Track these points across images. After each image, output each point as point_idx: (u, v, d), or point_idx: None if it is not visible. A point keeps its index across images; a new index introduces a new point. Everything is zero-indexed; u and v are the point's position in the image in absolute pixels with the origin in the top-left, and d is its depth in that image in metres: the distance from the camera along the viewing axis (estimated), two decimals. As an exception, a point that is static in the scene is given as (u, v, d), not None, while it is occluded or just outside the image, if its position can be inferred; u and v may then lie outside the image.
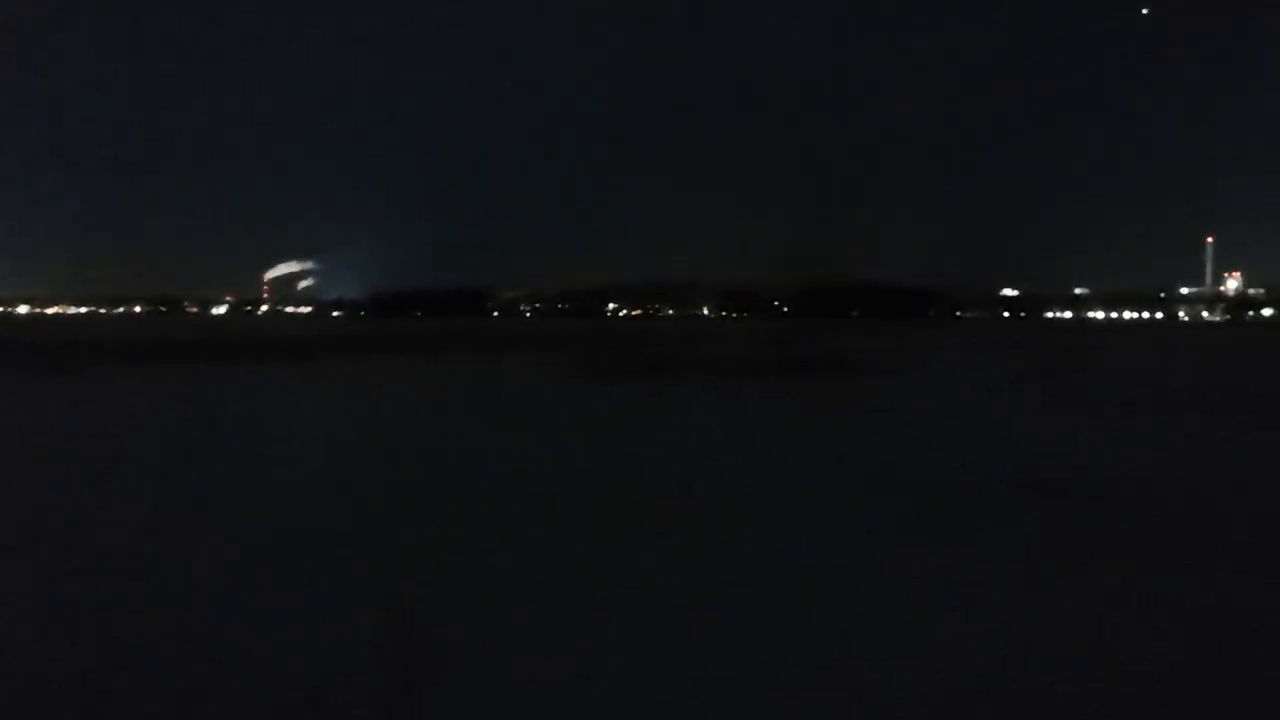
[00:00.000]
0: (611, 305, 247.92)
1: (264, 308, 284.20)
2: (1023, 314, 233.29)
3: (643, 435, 17.50)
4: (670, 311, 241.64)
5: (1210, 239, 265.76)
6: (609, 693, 5.88)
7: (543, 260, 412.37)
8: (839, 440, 16.78)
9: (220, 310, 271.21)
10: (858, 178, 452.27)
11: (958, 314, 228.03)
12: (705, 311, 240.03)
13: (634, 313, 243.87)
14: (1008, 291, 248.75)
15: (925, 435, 17.64)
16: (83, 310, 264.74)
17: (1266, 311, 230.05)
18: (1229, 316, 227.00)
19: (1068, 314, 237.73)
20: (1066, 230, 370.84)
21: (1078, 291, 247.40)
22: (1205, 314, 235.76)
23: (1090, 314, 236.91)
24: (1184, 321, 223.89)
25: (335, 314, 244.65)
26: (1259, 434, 18.24)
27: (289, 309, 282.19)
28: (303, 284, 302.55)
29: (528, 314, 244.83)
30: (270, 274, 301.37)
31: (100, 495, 11.62)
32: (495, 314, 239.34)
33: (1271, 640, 6.90)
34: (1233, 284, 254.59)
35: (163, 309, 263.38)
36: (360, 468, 13.87)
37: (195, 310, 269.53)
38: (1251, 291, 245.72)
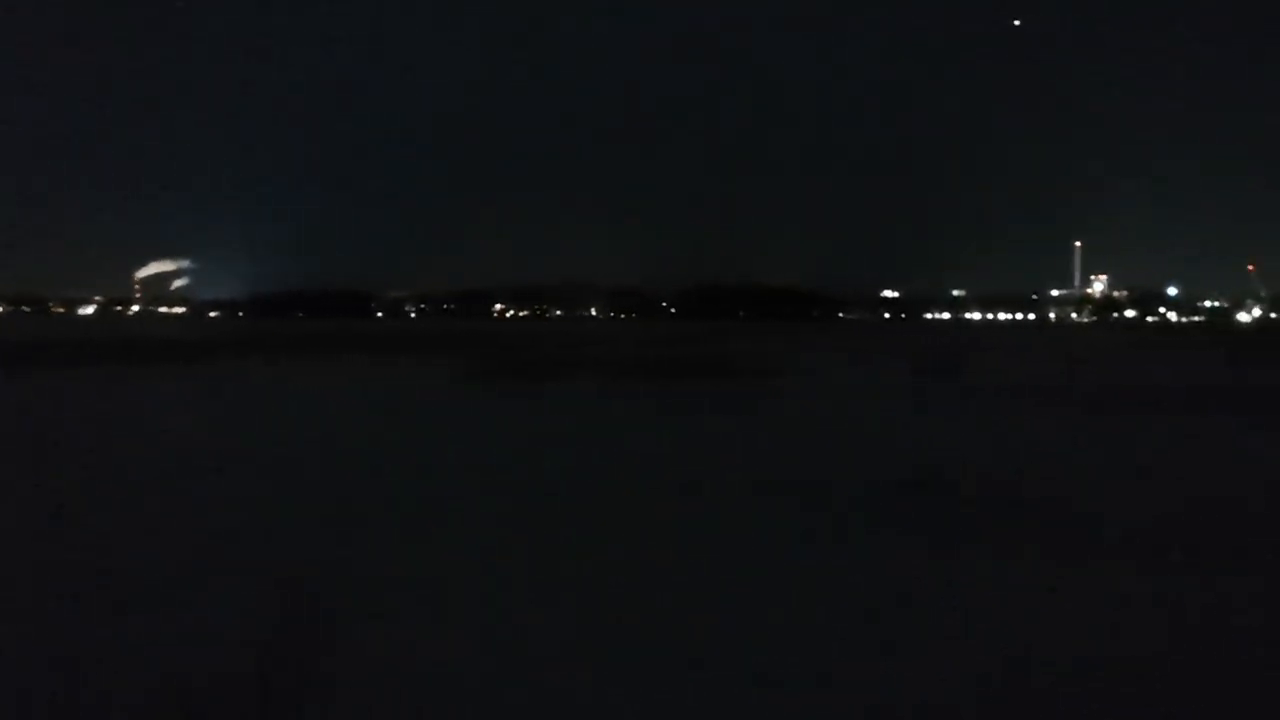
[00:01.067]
0: (498, 306, 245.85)
1: (135, 308, 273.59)
2: (903, 315, 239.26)
3: (523, 439, 17.06)
4: (558, 312, 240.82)
5: (1078, 244, 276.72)
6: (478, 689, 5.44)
7: (428, 261, 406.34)
8: (722, 442, 16.64)
9: (88, 310, 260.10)
10: (744, 181, 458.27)
11: (840, 315, 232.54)
12: (593, 312, 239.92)
13: (521, 314, 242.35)
14: (888, 293, 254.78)
15: (808, 435, 17.61)
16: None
17: (1130, 313, 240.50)
18: (1095, 317, 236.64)
19: (946, 315, 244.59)
20: (944, 234, 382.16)
21: (955, 293, 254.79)
22: (1074, 315, 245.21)
23: (967, 315, 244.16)
24: (1054, 322, 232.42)
25: (212, 314, 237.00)
26: (1123, 428, 18.67)
27: (162, 309, 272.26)
28: (177, 283, 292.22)
29: (413, 315, 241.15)
30: (142, 273, 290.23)
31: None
32: (380, 315, 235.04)
33: (1137, 618, 7.07)
34: (1099, 286, 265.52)
35: (26, 309, 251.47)
36: (201, 477, 13.08)
37: (62, 310, 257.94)
38: (1116, 294, 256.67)
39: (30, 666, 6.16)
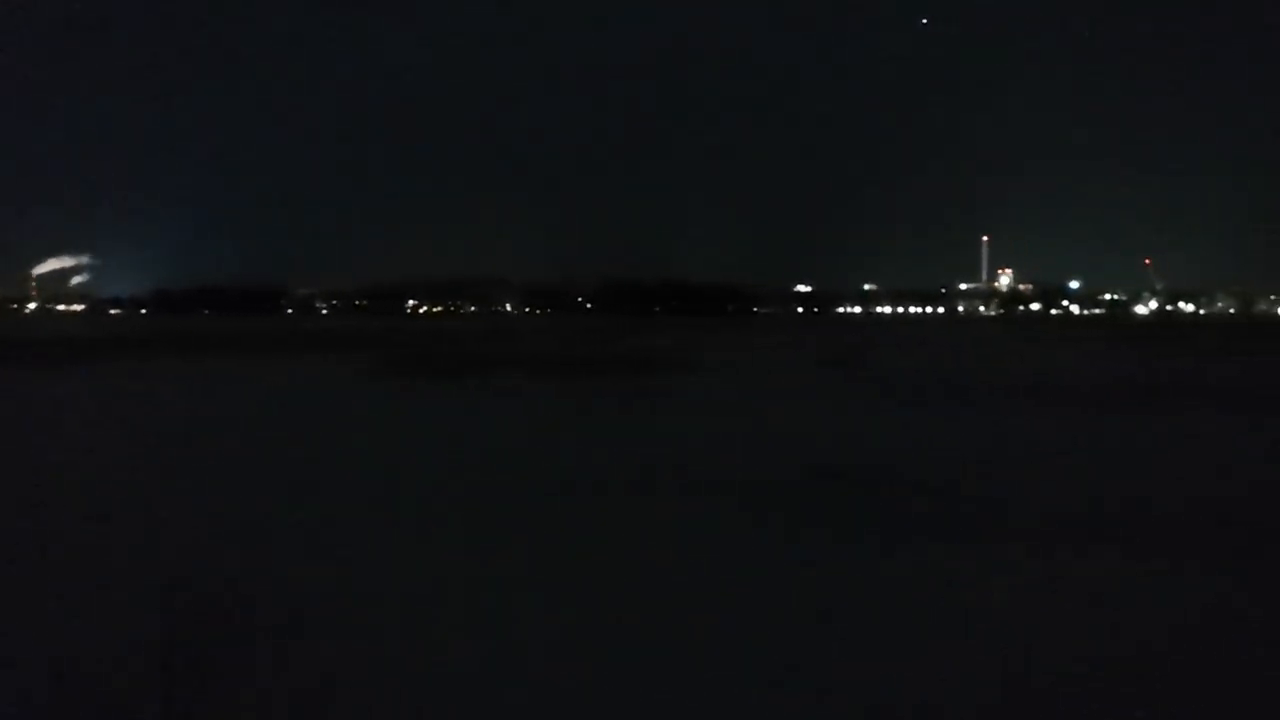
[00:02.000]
0: (412, 302, 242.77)
1: (32, 305, 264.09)
2: (816, 309, 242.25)
3: (432, 438, 16.73)
4: (473, 308, 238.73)
5: (986, 239, 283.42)
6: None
7: (340, 257, 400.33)
8: (636, 438, 16.56)
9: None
10: (659, 176, 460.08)
11: (756, 309, 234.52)
12: (508, 308, 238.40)
13: (435, 310, 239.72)
14: (802, 288, 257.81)
15: (723, 429, 17.61)
16: None
17: (1035, 306, 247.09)
18: (1002, 310, 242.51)
19: (857, 309, 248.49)
20: (856, 231, 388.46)
21: (866, 288, 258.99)
22: (981, 308, 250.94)
23: (878, 309, 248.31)
24: (962, 315, 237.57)
25: (113, 312, 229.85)
26: (1030, 419, 18.95)
27: (60, 307, 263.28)
28: (76, 280, 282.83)
29: (324, 311, 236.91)
30: (39, 269, 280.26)
31: None
32: (290, 312, 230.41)
33: (1034, 603, 7.15)
34: (1005, 280, 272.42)
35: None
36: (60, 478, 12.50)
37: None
38: (1022, 287, 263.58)
39: None
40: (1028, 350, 52.06)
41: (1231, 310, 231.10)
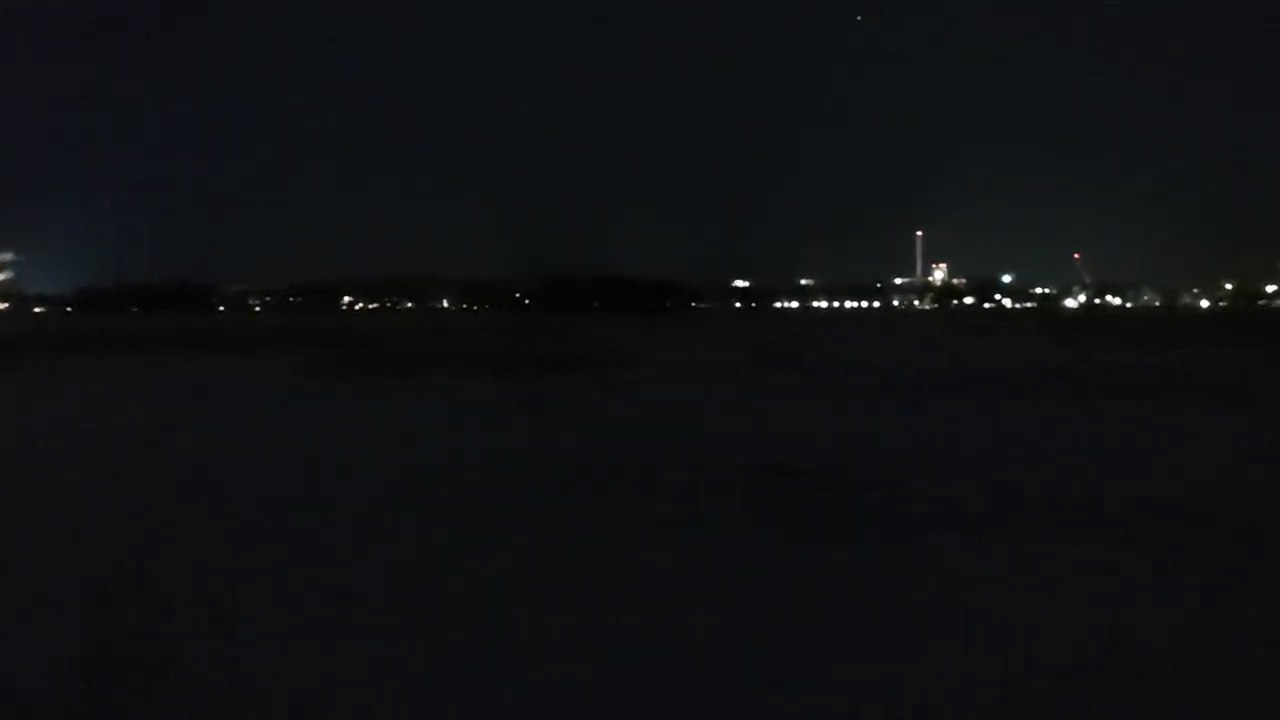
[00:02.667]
0: (347, 299, 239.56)
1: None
2: (754, 304, 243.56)
3: (370, 437, 16.50)
4: (409, 305, 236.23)
5: (920, 234, 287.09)
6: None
7: (273, 253, 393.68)
8: (576, 434, 16.55)
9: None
10: (596, 172, 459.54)
11: (694, 305, 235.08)
12: (445, 305, 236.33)
13: (371, 307, 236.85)
14: (739, 283, 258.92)
15: (663, 425, 17.63)
16: None
17: (969, 299, 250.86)
18: (936, 304, 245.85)
19: (794, 304, 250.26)
20: (792, 226, 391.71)
21: (803, 282, 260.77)
22: (916, 302, 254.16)
23: (815, 303, 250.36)
24: (898, 309, 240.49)
25: (37, 310, 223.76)
26: (962, 414, 19.19)
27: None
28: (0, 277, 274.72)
29: (257, 309, 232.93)
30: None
31: None
32: (221, 309, 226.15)
33: (968, 595, 7.26)
34: (939, 274, 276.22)
35: None
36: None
37: None
38: (955, 281, 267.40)
39: None
40: (964, 343, 52.74)
41: (1157, 303, 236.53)
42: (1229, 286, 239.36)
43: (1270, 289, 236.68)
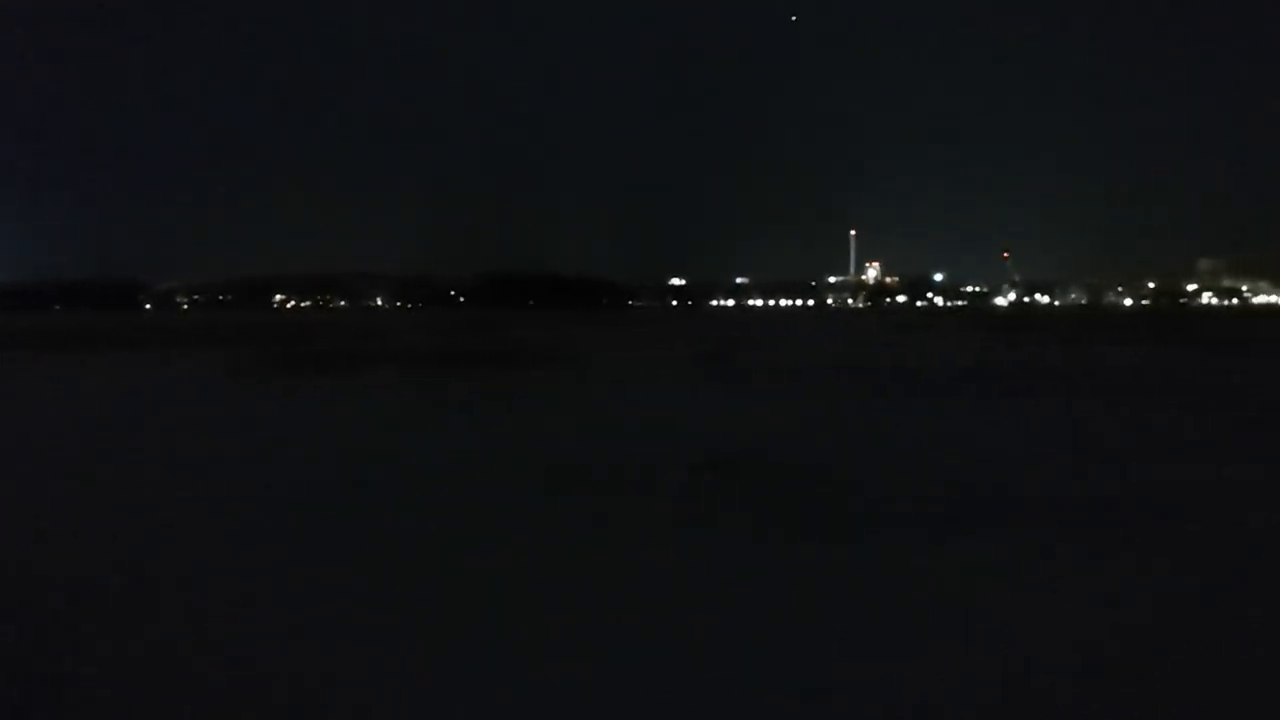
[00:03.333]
0: (279, 297, 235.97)
1: None
2: (690, 302, 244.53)
3: (299, 436, 16.20)
4: (343, 303, 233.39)
5: (853, 233, 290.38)
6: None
7: (203, 249, 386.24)
8: (515, 432, 16.42)
9: None
10: (533, 170, 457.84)
11: (630, 302, 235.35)
12: (379, 302, 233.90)
13: (304, 304, 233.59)
14: (676, 281, 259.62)
15: (601, 422, 17.62)
16: None
17: (901, 298, 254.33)
18: (869, 302, 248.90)
19: (730, 302, 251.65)
20: (728, 225, 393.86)
21: (739, 281, 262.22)
22: (849, 300, 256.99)
23: (750, 301, 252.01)
24: (831, 307, 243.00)
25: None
26: (901, 408, 19.39)
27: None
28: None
29: (186, 306, 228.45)
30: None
31: None
32: (149, 307, 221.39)
33: (906, 590, 7.20)
34: (872, 273, 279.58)
35: None
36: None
37: None
38: (888, 280, 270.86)
39: None
40: (899, 339, 53.40)
41: (1083, 301, 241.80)
42: (1151, 285, 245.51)
43: (1191, 288, 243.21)
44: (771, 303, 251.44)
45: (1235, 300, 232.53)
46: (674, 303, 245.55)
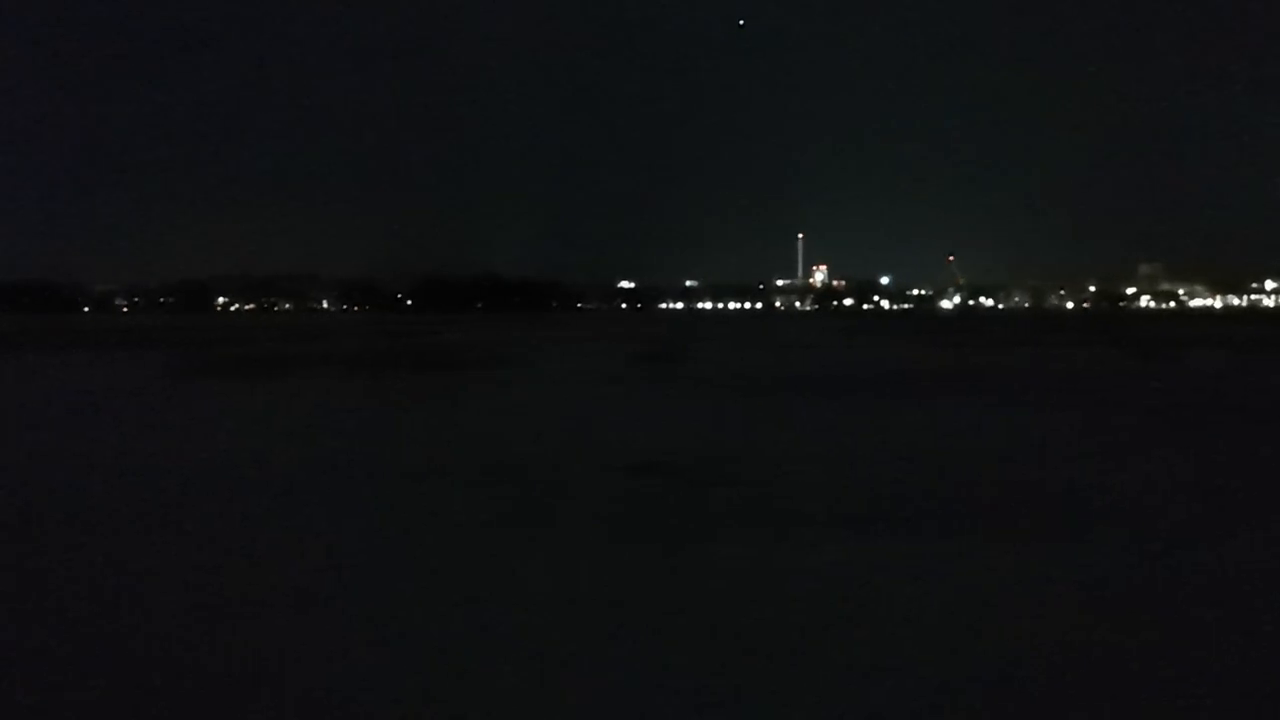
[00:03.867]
0: (222, 299, 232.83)
1: None
2: (639, 305, 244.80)
3: (238, 436, 15.88)
4: (287, 305, 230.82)
5: (801, 236, 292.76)
6: None
7: (142, 252, 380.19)
8: (447, 433, 16.41)
9: None
10: (480, 173, 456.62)
11: (579, 306, 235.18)
12: (324, 305, 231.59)
13: (247, 307, 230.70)
14: (625, 284, 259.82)
15: (535, 424, 17.60)
16: None
17: (848, 301, 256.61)
18: (817, 305, 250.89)
19: (679, 304, 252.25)
20: (678, 228, 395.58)
21: (688, 284, 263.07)
22: (797, 303, 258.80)
23: (700, 304, 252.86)
24: (779, 309, 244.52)
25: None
26: (834, 410, 19.34)
27: None
28: None
29: (125, 309, 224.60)
30: None
31: None
32: (86, 310, 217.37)
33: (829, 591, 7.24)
34: (820, 276, 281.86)
35: None
36: None
37: None
38: (835, 283, 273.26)
39: None
40: (846, 342, 53.72)
41: (1026, 304, 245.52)
42: (1092, 288, 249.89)
43: (1130, 291, 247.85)
44: (721, 305, 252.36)
45: (1172, 303, 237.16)
46: (623, 305, 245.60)
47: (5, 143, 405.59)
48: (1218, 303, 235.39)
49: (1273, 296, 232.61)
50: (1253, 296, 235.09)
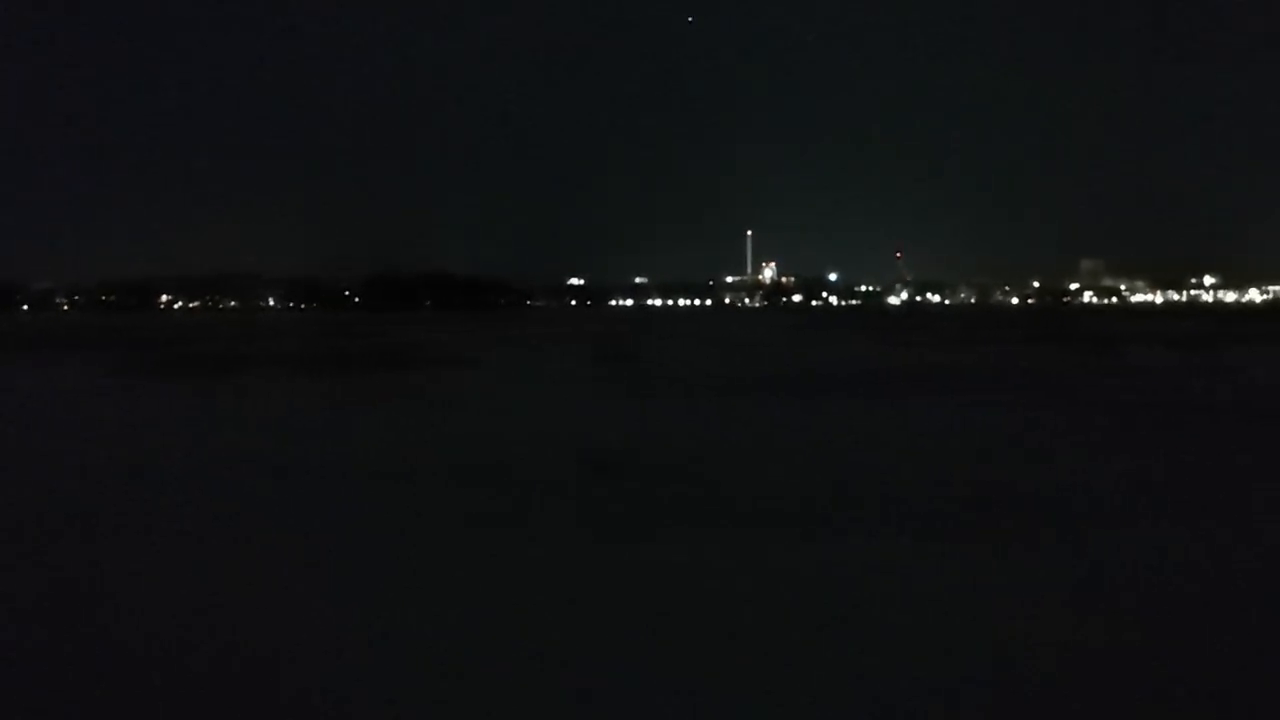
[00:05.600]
0: (166, 298, 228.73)
1: None
2: (589, 302, 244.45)
3: (185, 438, 15.71)
4: (234, 304, 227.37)
5: (750, 233, 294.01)
6: None
7: (83, 249, 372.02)
8: (405, 433, 16.38)
9: None
10: (428, 170, 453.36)
11: (529, 303, 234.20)
12: (271, 303, 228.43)
13: (191, 305, 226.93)
14: (575, 281, 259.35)
15: (491, 423, 17.58)
16: None
17: (797, 297, 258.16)
18: (766, 302, 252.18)
19: (629, 301, 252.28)
20: (628, 225, 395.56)
21: (638, 280, 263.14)
22: (746, 300, 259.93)
23: (650, 301, 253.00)
24: (728, 306, 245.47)
25: None
26: (792, 409, 19.52)
27: None
28: None
29: (65, 307, 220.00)
30: None
31: None
32: (25, 308, 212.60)
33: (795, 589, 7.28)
34: (769, 273, 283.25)
35: None
36: None
37: None
38: (784, 280, 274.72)
39: None
40: (801, 339, 54.06)
41: (972, 300, 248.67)
42: (1036, 285, 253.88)
43: (1073, 287, 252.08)
44: (670, 302, 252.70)
45: (1114, 299, 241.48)
46: (573, 303, 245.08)
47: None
48: (1158, 298, 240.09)
49: (1211, 292, 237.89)
50: (1192, 292, 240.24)
